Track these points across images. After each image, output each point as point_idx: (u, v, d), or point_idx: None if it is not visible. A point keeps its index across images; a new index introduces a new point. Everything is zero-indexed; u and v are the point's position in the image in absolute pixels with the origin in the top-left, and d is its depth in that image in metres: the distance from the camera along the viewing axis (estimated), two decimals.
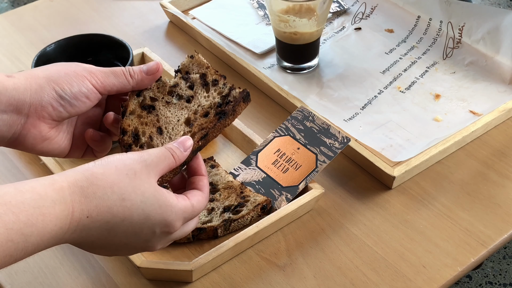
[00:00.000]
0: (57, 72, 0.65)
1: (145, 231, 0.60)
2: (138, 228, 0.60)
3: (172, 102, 0.70)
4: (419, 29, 1.10)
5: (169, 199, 0.61)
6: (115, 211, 0.58)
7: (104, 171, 0.58)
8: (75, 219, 0.56)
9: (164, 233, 0.62)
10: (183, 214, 0.62)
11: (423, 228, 0.80)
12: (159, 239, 0.62)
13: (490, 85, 0.99)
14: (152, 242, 0.62)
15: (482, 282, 1.70)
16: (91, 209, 0.57)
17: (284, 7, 0.96)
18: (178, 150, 0.64)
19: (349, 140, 0.83)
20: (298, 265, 0.76)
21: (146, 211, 0.59)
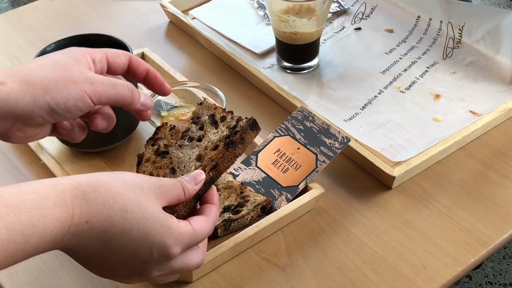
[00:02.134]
0: (56, 82, 0.62)
1: (143, 251, 0.59)
2: (136, 245, 0.58)
3: (184, 144, 0.73)
4: (419, 29, 1.10)
5: (170, 222, 0.60)
6: (115, 221, 0.57)
7: (110, 180, 0.58)
8: (75, 223, 0.55)
9: (162, 258, 0.60)
10: (182, 238, 0.60)
11: (423, 228, 0.80)
12: (156, 263, 0.60)
13: (490, 85, 0.99)
14: (149, 266, 0.60)
15: (482, 282, 1.70)
16: (90, 215, 0.56)
17: (284, 7, 0.96)
18: (189, 183, 0.64)
19: (349, 140, 0.83)
20: (298, 265, 0.76)
21: (146, 228, 0.58)
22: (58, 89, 0.62)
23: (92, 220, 0.56)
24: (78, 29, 1.14)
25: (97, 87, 0.64)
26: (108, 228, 0.57)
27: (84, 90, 0.63)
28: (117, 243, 0.58)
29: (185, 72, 1.05)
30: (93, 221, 0.56)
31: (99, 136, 0.88)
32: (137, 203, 0.58)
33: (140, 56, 1.04)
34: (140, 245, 0.58)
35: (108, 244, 0.57)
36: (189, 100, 0.94)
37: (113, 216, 0.57)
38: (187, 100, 0.95)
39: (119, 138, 0.90)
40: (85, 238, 0.56)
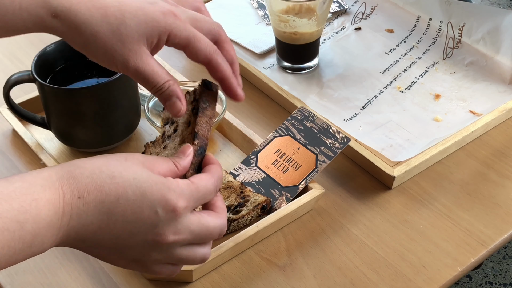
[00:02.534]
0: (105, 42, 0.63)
1: (146, 212, 0.56)
2: (137, 207, 0.56)
3: (166, 144, 0.71)
4: (419, 29, 1.10)
5: (165, 179, 0.57)
6: (107, 189, 0.55)
7: (92, 158, 0.58)
8: (67, 202, 0.54)
9: (169, 215, 0.56)
10: (182, 191, 0.57)
11: (423, 228, 0.80)
12: (166, 223, 0.57)
13: (490, 85, 0.99)
14: (160, 228, 0.56)
15: (482, 282, 1.70)
16: (81, 189, 0.55)
17: (284, 7, 0.96)
18: (178, 158, 0.62)
19: (349, 140, 0.83)
20: (298, 265, 0.76)
21: (141, 188, 0.56)
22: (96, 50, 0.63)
23: (84, 194, 0.55)
24: None
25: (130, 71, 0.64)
26: (103, 198, 0.55)
27: (117, 66, 0.64)
28: (117, 211, 0.55)
29: (185, 72, 1.05)
30: (85, 195, 0.55)
31: (99, 136, 0.88)
32: (123, 168, 0.57)
33: None
34: (140, 207, 0.56)
35: (109, 216, 0.55)
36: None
37: (104, 185, 0.55)
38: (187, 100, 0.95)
39: (119, 138, 0.90)
40: (84, 217, 0.55)
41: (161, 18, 0.64)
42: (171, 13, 0.64)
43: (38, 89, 0.86)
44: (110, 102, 0.85)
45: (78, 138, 0.88)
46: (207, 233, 0.60)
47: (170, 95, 0.66)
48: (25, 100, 0.95)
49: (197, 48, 0.66)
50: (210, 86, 0.70)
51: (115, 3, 0.63)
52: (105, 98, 0.85)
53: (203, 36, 0.66)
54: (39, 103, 0.90)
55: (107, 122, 0.87)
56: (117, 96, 0.86)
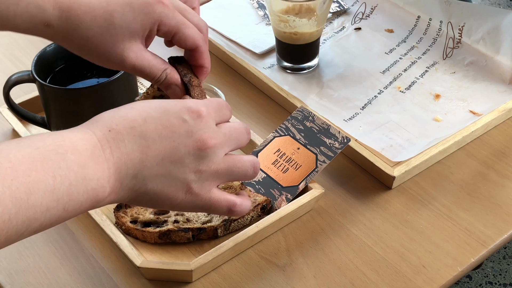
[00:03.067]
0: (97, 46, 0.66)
1: (176, 122, 0.58)
2: (166, 120, 0.58)
3: None
4: (419, 29, 1.10)
5: None
6: (131, 116, 0.57)
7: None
8: (100, 137, 0.56)
9: (199, 121, 0.59)
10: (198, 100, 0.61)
11: (423, 228, 0.80)
12: (200, 129, 0.59)
13: (490, 85, 0.99)
14: (196, 133, 0.58)
15: (482, 282, 1.70)
16: (107, 124, 0.57)
17: (284, 7, 0.96)
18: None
19: (349, 140, 0.83)
20: (298, 265, 0.76)
21: (161, 105, 0.58)
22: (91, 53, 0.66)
23: (113, 126, 0.56)
24: None
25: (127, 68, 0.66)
26: (131, 124, 0.57)
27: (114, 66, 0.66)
28: (150, 131, 0.57)
29: None
30: (113, 126, 0.56)
31: None
32: (136, 103, 0.60)
33: None
34: (168, 120, 0.58)
35: (145, 138, 0.57)
36: None
37: (126, 114, 0.57)
38: None
39: None
40: (123, 145, 0.56)
41: (149, 9, 0.66)
42: (159, 2, 0.66)
43: (38, 89, 0.86)
44: (110, 102, 0.85)
45: None
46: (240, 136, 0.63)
47: (169, 83, 0.69)
48: (25, 100, 0.95)
49: (186, 34, 0.68)
50: (179, 59, 0.71)
51: (102, 3, 0.65)
52: (105, 98, 0.85)
53: (191, 24, 0.68)
54: (39, 103, 0.90)
55: None
56: (117, 96, 0.86)
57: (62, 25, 0.64)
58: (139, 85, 1.02)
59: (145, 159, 0.57)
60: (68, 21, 0.64)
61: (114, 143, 0.56)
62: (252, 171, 0.63)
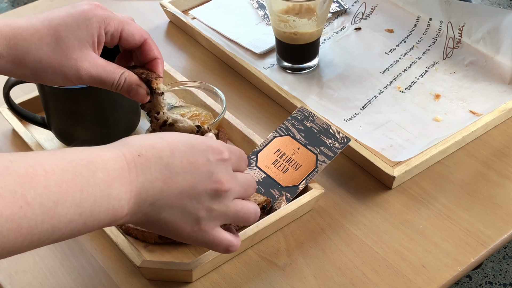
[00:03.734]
0: (47, 69, 0.66)
1: (200, 160, 0.61)
2: (191, 156, 0.61)
3: None
4: (419, 29, 1.10)
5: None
6: (160, 146, 0.60)
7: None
8: (129, 159, 0.58)
9: (220, 162, 0.62)
10: (221, 143, 0.64)
11: (423, 228, 0.80)
12: (221, 171, 0.62)
13: (490, 85, 0.99)
14: (216, 175, 0.62)
15: (482, 282, 1.70)
16: (138, 149, 0.59)
17: (284, 7, 0.96)
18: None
19: (349, 140, 0.83)
20: (298, 265, 0.76)
21: (188, 141, 0.61)
22: (47, 74, 0.66)
23: (142, 152, 0.59)
24: None
25: (85, 80, 0.68)
26: (160, 153, 0.59)
27: (72, 81, 0.67)
28: (176, 163, 0.60)
29: (185, 72, 1.05)
30: (143, 152, 0.59)
31: (99, 136, 0.88)
32: (164, 133, 0.63)
33: None
34: (194, 156, 0.61)
35: (170, 169, 0.59)
36: (189, 100, 0.94)
37: (156, 143, 0.60)
38: (187, 100, 0.95)
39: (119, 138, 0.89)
40: (149, 172, 0.59)
41: (91, 14, 0.68)
42: (97, 6, 0.69)
43: (38, 89, 0.86)
44: (110, 102, 0.85)
45: (78, 138, 0.88)
46: (250, 185, 0.67)
47: (129, 85, 0.71)
48: (25, 100, 0.95)
49: (132, 29, 0.71)
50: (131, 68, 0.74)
51: (45, 22, 0.67)
52: (105, 98, 0.85)
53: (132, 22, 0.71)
54: (39, 103, 0.90)
55: (107, 122, 0.87)
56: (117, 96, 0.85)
57: (13, 53, 0.66)
58: None
59: (166, 189, 0.60)
60: (17, 47, 0.66)
61: (141, 168, 0.58)
62: (254, 219, 0.67)
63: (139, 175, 0.58)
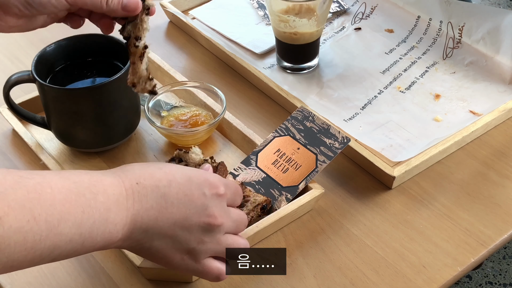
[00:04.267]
0: None
1: (196, 193, 0.62)
2: (187, 189, 0.62)
3: None
4: (419, 29, 1.10)
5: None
6: (158, 175, 0.61)
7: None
8: (128, 186, 0.60)
9: (215, 196, 0.64)
10: (218, 177, 0.66)
11: (423, 228, 0.80)
12: (215, 205, 0.63)
13: (490, 85, 0.99)
14: (210, 209, 0.63)
15: (482, 282, 1.70)
16: (137, 177, 0.61)
17: (284, 7, 0.96)
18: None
19: (349, 140, 0.83)
20: (298, 265, 0.76)
21: (186, 173, 0.63)
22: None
23: (141, 180, 0.60)
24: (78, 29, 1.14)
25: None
26: (157, 183, 0.61)
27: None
28: (172, 194, 0.61)
29: (185, 72, 1.05)
30: (141, 180, 0.60)
31: (99, 136, 0.88)
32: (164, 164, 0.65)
33: None
34: (190, 189, 0.62)
35: (166, 199, 0.61)
36: (189, 100, 0.94)
37: (155, 173, 0.62)
38: (187, 100, 0.95)
39: (119, 138, 0.90)
40: (145, 200, 0.60)
41: None
42: None
43: (38, 89, 0.86)
44: (110, 102, 0.85)
45: (78, 138, 0.88)
46: (242, 222, 0.68)
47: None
48: (25, 100, 0.95)
49: None
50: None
51: None
52: (105, 98, 0.85)
53: None
54: (39, 103, 0.90)
55: (107, 122, 0.87)
56: (117, 96, 0.86)
57: None
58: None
59: (160, 218, 0.61)
60: None
61: (138, 196, 0.60)
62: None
63: (136, 202, 0.60)
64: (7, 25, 0.69)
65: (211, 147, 0.91)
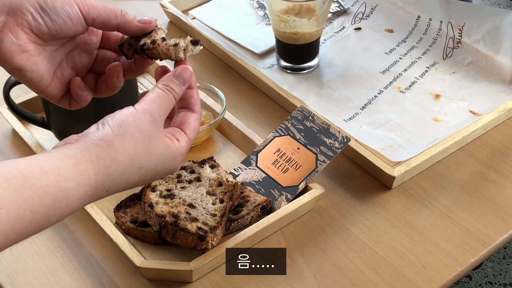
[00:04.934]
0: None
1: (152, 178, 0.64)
2: (148, 180, 0.63)
3: (186, 186, 0.80)
4: (419, 29, 1.10)
5: (174, 150, 0.63)
6: (132, 180, 0.60)
7: (125, 144, 0.60)
8: (96, 195, 0.58)
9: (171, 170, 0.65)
10: (184, 155, 0.65)
11: (423, 228, 0.80)
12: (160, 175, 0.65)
13: (490, 85, 0.99)
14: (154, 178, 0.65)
15: (482, 282, 1.70)
16: (111, 185, 0.59)
17: (284, 7, 0.96)
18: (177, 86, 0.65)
19: (349, 140, 0.83)
20: (298, 265, 0.76)
21: (157, 170, 0.62)
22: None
23: (112, 188, 0.59)
24: None
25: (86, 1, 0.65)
26: (126, 186, 0.61)
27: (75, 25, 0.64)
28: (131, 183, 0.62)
29: None
30: (112, 188, 0.59)
31: None
32: (149, 156, 0.61)
33: None
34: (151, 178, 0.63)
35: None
36: None
37: (130, 178, 0.60)
38: None
39: None
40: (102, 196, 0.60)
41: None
42: None
43: None
44: (110, 102, 0.85)
45: None
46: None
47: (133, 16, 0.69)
48: (25, 100, 0.95)
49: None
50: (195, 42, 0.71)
51: None
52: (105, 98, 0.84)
53: None
54: (39, 103, 0.90)
55: None
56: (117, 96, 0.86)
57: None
58: (139, 85, 1.02)
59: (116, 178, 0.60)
60: None
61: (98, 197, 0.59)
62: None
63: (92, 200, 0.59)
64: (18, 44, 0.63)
65: (211, 147, 0.91)
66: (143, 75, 1.04)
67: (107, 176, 0.58)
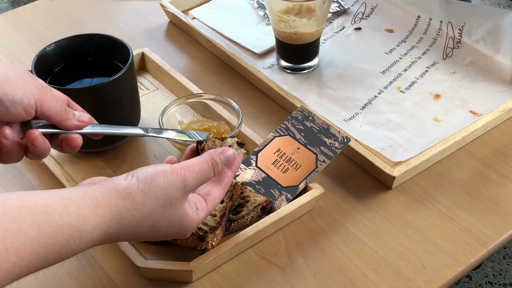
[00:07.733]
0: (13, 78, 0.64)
1: (160, 238, 0.67)
2: (156, 238, 0.66)
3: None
4: (419, 29, 1.10)
5: (191, 220, 0.65)
6: (140, 234, 0.63)
7: (145, 201, 0.62)
8: (106, 239, 0.61)
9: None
10: (198, 225, 0.68)
11: (423, 228, 0.80)
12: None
13: (490, 85, 0.99)
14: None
15: (482, 282, 1.70)
16: (121, 234, 0.62)
17: (284, 7, 0.96)
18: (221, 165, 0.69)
19: (349, 140, 0.83)
20: (298, 265, 0.76)
21: (167, 232, 0.65)
22: (12, 81, 0.63)
23: (121, 237, 0.62)
24: (78, 29, 1.14)
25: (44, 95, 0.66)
26: (134, 238, 0.64)
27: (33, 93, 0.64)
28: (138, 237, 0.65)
29: (185, 72, 1.05)
30: (121, 237, 0.62)
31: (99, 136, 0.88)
32: (164, 219, 0.64)
33: (140, 56, 1.04)
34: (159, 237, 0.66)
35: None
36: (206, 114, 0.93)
37: (140, 233, 0.63)
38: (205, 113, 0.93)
39: (119, 138, 0.90)
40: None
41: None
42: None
43: None
44: (110, 102, 0.85)
45: None
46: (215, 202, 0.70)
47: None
48: None
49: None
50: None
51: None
52: (105, 98, 0.85)
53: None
54: None
55: (107, 122, 0.87)
56: (117, 96, 0.86)
57: None
58: (139, 85, 1.02)
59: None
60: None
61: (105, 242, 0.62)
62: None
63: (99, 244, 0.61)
64: None
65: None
66: (143, 75, 1.04)
67: (119, 225, 0.61)
